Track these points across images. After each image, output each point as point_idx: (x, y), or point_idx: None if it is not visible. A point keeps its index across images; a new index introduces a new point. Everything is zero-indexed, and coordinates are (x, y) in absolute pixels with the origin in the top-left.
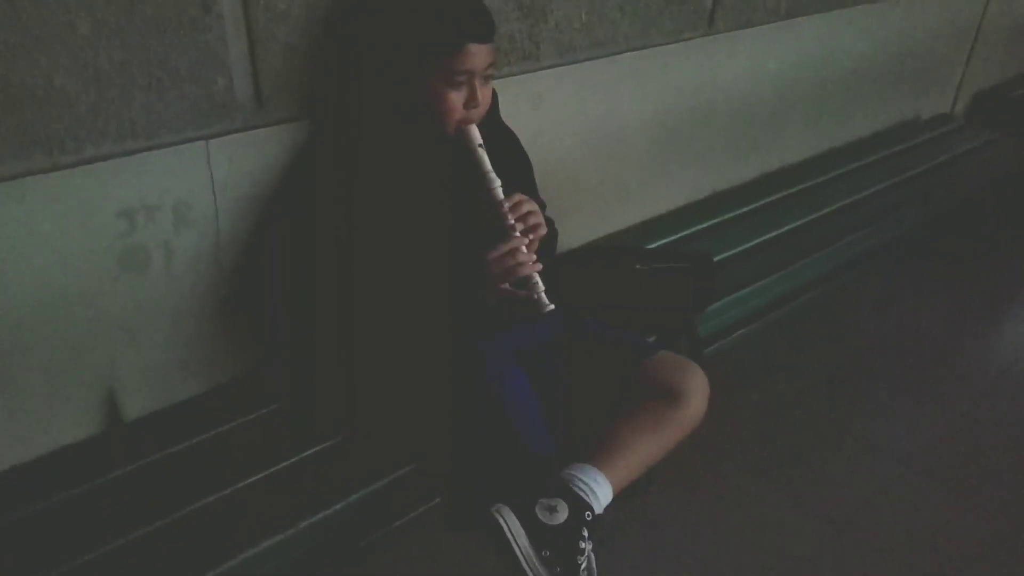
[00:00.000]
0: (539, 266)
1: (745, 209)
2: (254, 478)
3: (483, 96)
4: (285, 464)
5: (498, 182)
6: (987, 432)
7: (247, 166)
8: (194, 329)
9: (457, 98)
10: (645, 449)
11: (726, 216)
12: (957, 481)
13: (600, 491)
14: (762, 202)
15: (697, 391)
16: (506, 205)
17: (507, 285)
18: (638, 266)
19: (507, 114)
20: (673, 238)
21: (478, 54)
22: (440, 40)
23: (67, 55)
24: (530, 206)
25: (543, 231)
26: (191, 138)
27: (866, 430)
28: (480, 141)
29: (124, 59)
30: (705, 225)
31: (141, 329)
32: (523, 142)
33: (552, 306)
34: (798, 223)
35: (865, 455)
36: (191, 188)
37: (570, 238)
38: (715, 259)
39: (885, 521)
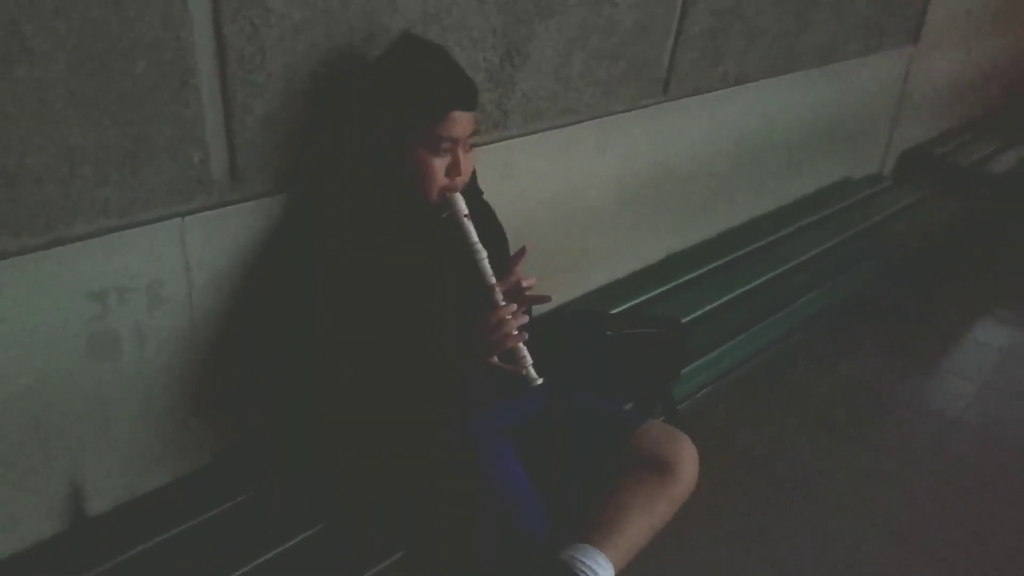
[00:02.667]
0: (524, 336)
1: (701, 271)
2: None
3: (465, 165)
4: (265, 558)
5: (484, 253)
6: (922, 479)
7: (223, 243)
8: (166, 414)
9: (440, 165)
10: (643, 525)
11: (683, 279)
12: (896, 526)
13: (603, 572)
14: (716, 264)
15: (688, 461)
16: (493, 277)
17: (495, 359)
18: (609, 332)
19: (479, 182)
20: (635, 301)
21: (462, 121)
22: (426, 107)
23: (40, 133)
24: (518, 280)
25: (536, 301)
26: (165, 216)
27: (814, 482)
28: (466, 211)
29: (99, 136)
30: (665, 287)
31: (111, 416)
32: (495, 210)
33: (540, 380)
34: (753, 284)
35: (811, 504)
36: (165, 267)
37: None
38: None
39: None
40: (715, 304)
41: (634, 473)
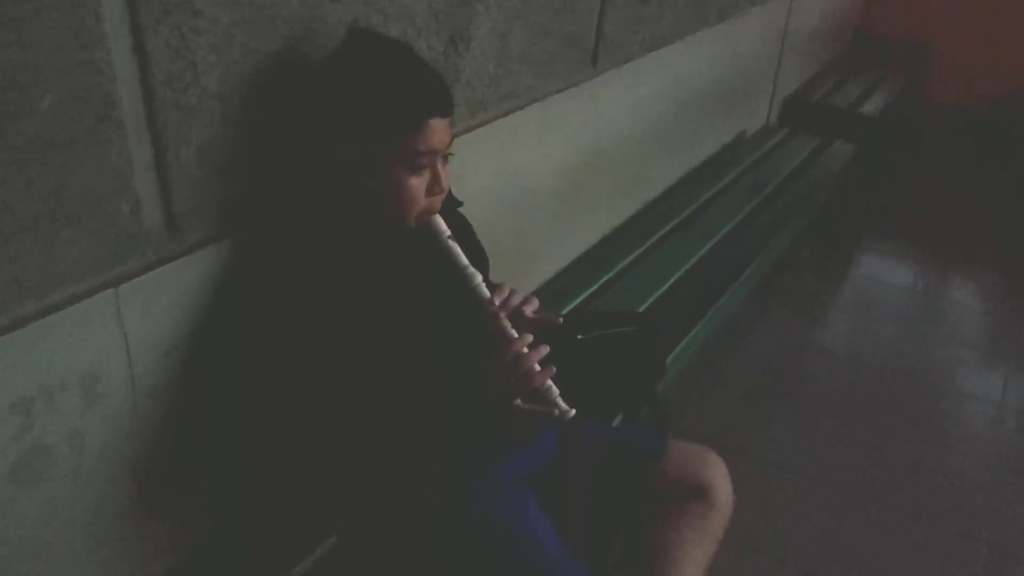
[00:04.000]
0: (551, 371)
1: (636, 253)
2: None
3: (446, 179)
4: None
5: (479, 277)
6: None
7: (168, 308)
8: (120, 524)
9: (419, 185)
10: (699, 560)
11: (622, 264)
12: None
13: None
14: (649, 243)
15: (722, 480)
16: (496, 302)
17: (519, 402)
18: (579, 336)
19: None
20: (584, 295)
21: (441, 130)
22: (399, 117)
23: None
24: (521, 296)
25: (547, 322)
26: (94, 288)
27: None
28: (448, 232)
29: (3, 197)
30: (609, 275)
31: (55, 542)
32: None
33: (573, 411)
34: (691, 263)
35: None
36: (100, 353)
37: None
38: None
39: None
40: (663, 289)
41: (673, 505)
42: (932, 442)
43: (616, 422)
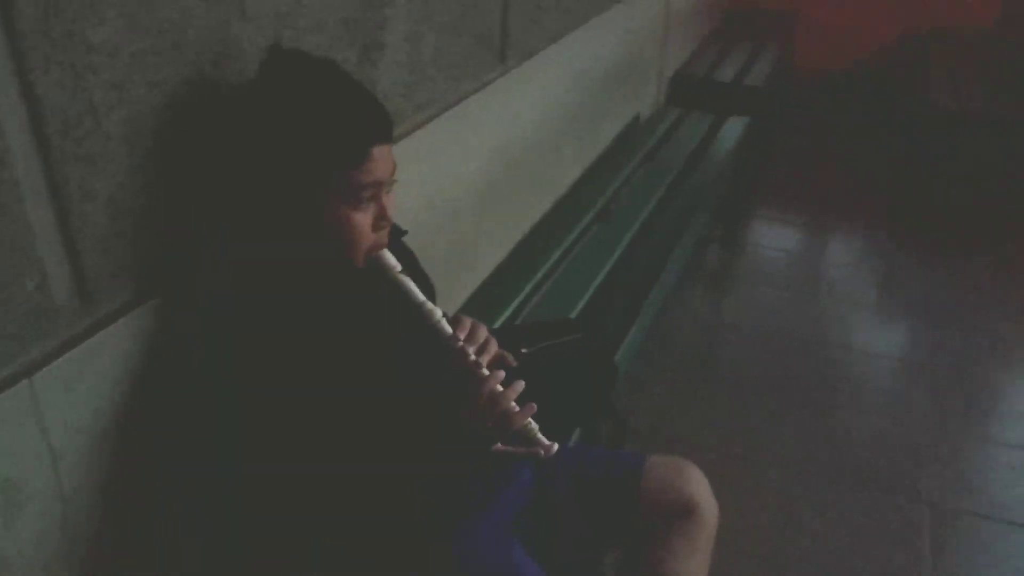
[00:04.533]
0: (533, 408)
1: (556, 255)
2: None
3: (391, 210)
4: None
5: (439, 312)
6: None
7: (92, 390)
8: None
9: (364, 220)
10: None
11: (544, 268)
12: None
13: None
14: (567, 242)
15: (705, 491)
16: (461, 337)
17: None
18: (524, 350)
19: None
20: (513, 306)
21: (384, 158)
22: (341, 148)
23: None
24: (485, 331)
25: (507, 360)
26: (5, 382)
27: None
28: (399, 266)
29: None
30: (534, 281)
31: None
32: None
33: (556, 445)
34: (619, 254)
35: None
36: (18, 455)
37: None
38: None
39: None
40: (594, 287)
41: (662, 525)
42: (850, 407)
43: (574, 438)
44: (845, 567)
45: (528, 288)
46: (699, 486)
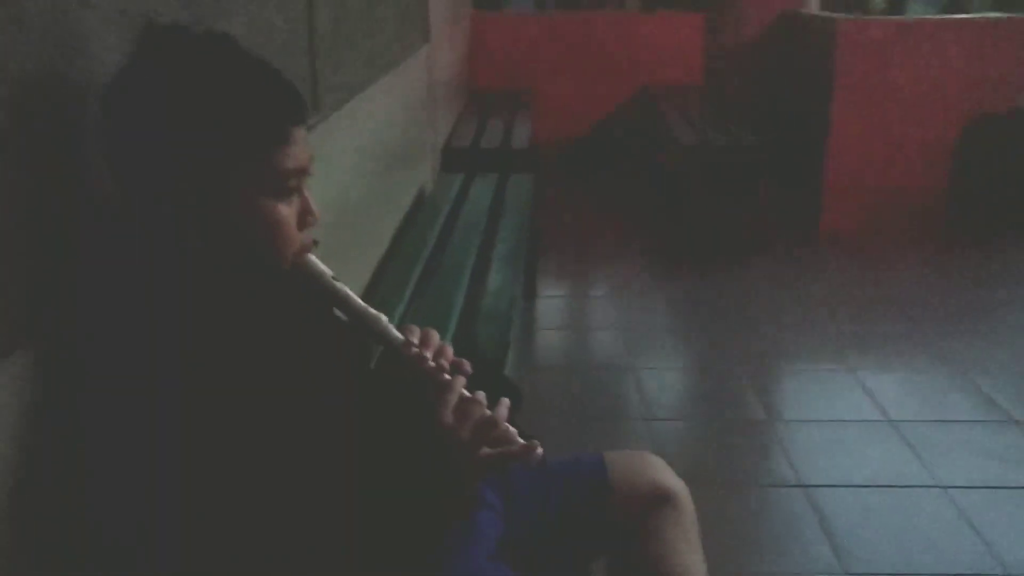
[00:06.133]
0: (506, 404)
1: (404, 303)
2: None
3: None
4: None
5: (384, 318)
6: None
7: None
8: None
9: (290, 215)
10: (698, 563)
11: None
12: None
13: None
14: (408, 294)
15: (669, 472)
16: (415, 342)
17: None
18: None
19: None
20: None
21: (304, 144)
22: (262, 128)
23: None
24: (437, 336)
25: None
26: None
27: None
28: (331, 272)
29: None
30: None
31: None
32: None
33: (541, 448)
34: (460, 307)
35: None
36: None
37: None
38: None
39: None
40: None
41: (645, 519)
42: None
43: None
44: None
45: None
46: (665, 472)
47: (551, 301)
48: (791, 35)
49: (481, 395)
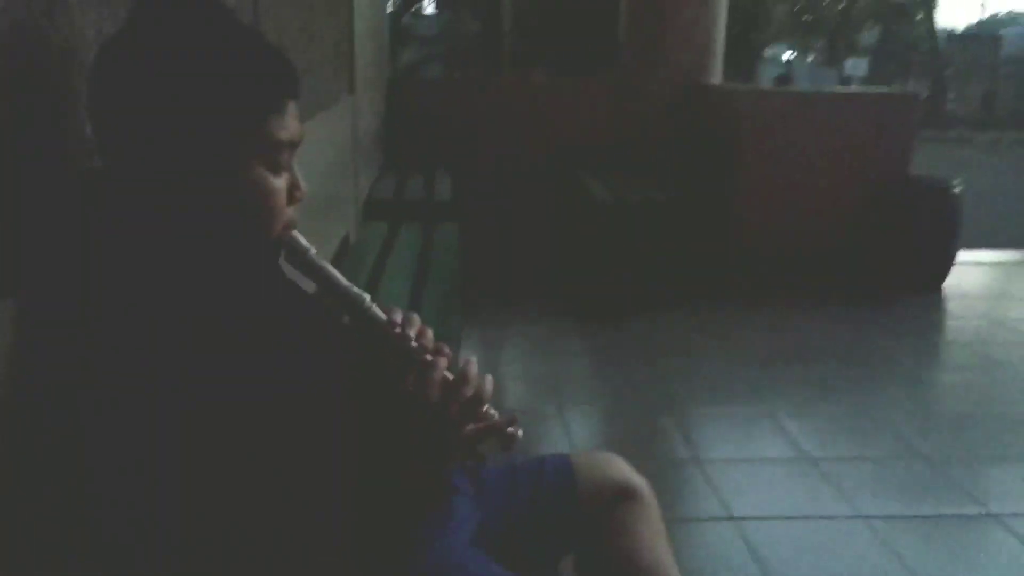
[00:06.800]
0: (489, 380)
1: None
2: None
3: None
4: None
5: (367, 296)
6: None
7: None
8: None
9: (280, 189)
10: (667, 556)
11: None
12: None
13: None
14: None
15: (632, 470)
16: (398, 321)
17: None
18: None
19: None
20: None
21: (296, 118)
22: (262, 95)
23: None
24: (418, 318)
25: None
26: None
27: None
28: (313, 248)
29: None
30: None
31: None
32: None
33: (520, 430)
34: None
35: None
36: None
37: None
38: None
39: None
40: None
41: (614, 514)
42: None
43: None
44: None
45: None
46: (629, 471)
47: (476, 347)
48: (696, 103)
49: (473, 362)
